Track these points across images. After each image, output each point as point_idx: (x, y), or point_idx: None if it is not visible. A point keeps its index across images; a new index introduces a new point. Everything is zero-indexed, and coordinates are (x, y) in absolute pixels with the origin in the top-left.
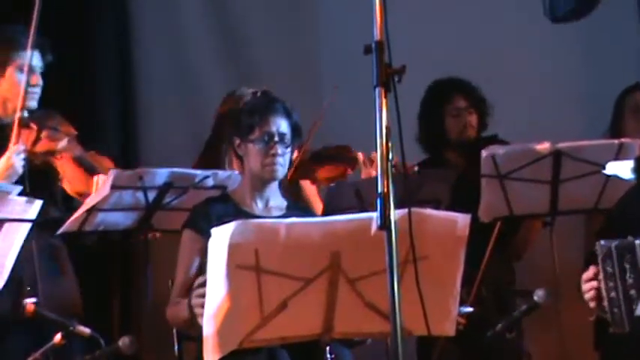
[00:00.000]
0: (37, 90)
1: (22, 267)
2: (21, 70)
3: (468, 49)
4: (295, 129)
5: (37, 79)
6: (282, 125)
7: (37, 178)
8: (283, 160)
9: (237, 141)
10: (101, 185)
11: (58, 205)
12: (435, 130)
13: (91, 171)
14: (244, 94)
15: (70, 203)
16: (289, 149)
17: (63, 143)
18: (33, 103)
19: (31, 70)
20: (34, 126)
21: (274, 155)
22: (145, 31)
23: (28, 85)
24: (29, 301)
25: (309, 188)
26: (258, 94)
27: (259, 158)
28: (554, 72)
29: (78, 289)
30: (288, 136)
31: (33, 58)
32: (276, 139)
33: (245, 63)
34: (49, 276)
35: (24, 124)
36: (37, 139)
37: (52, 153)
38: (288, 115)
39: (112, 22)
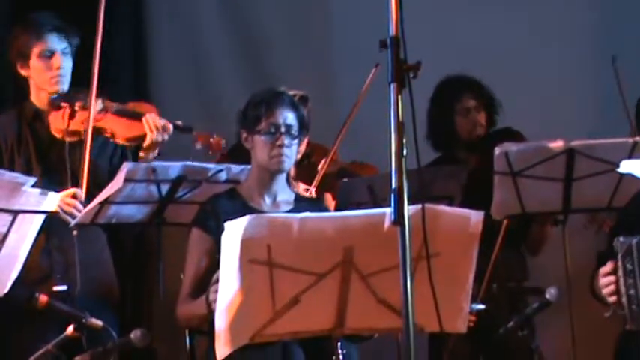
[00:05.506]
0: (63, 72)
1: (52, 255)
2: (42, 56)
3: (482, 47)
4: (302, 121)
5: (59, 61)
6: (288, 117)
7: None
8: (290, 151)
9: (244, 134)
10: (115, 179)
11: None
12: (445, 129)
13: (135, 117)
14: None
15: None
16: (296, 141)
17: (98, 105)
18: (62, 87)
19: (51, 53)
20: (64, 104)
21: (281, 147)
22: (158, 17)
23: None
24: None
25: (330, 203)
26: (297, 97)
27: (266, 150)
28: (568, 70)
29: (115, 275)
30: (294, 128)
31: (52, 41)
32: (283, 130)
33: (259, 56)
34: (86, 262)
35: (55, 105)
36: (73, 113)
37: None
38: (294, 107)
39: (126, 8)
